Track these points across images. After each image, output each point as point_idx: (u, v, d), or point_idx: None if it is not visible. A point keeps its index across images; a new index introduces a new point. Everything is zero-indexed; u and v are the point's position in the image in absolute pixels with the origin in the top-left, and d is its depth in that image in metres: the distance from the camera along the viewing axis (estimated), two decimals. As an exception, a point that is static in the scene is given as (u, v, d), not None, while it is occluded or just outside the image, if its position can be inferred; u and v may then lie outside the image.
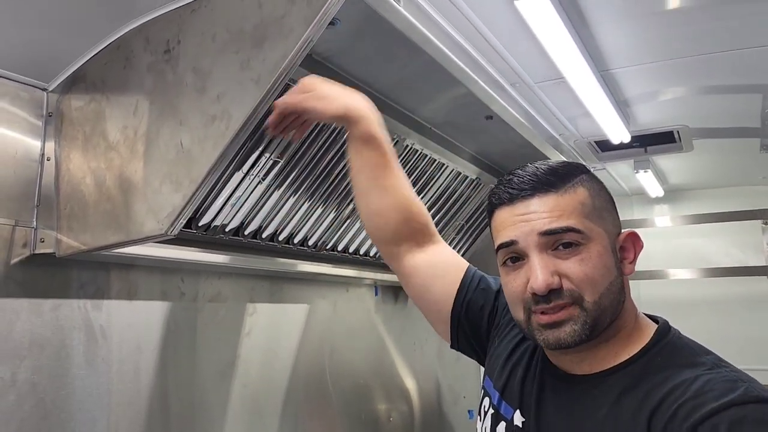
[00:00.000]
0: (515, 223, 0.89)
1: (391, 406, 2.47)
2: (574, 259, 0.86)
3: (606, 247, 0.88)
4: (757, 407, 0.72)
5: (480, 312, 1.13)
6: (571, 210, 0.87)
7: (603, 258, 0.87)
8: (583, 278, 0.85)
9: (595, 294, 0.86)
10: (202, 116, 1.06)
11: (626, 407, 0.82)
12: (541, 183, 0.90)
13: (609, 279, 0.87)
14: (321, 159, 1.60)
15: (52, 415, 1.20)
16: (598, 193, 0.92)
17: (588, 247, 0.87)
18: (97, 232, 1.13)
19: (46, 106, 1.22)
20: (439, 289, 1.15)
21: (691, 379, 0.79)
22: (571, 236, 0.86)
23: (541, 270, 0.85)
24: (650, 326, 0.92)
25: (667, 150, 2.71)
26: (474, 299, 1.13)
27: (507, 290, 0.93)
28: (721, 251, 3.54)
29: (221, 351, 1.65)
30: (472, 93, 1.61)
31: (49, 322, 1.21)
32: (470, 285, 1.14)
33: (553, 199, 0.88)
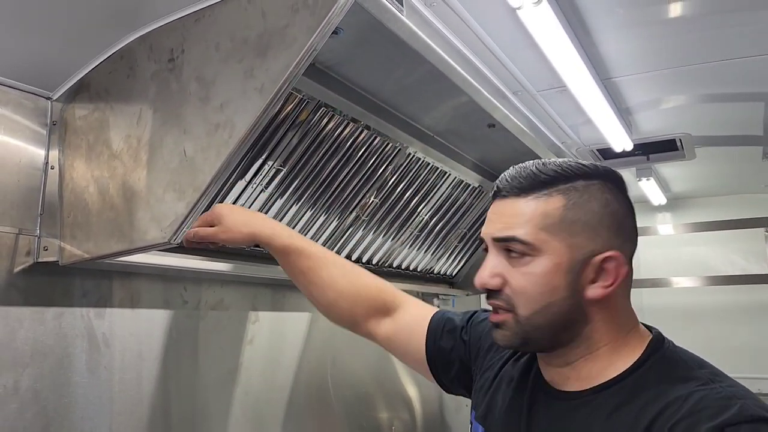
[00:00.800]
0: (488, 219, 0.90)
1: (394, 414, 2.46)
2: (519, 269, 0.85)
3: (559, 265, 0.83)
4: (750, 427, 0.70)
5: (451, 354, 1.13)
6: (526, 219, 0.84)
7: (549, 276, 0.83)
8: (519, 291, 0.84)
9: (527, 310, 0.84)
10: (206, 125, 1.06)
11: (619, 424, 0.79)
12: (516, 186, 0.87)
13: (550, 299, 0.83)
14: (323, 168, 1.60)
15: (54, 423, 1.20)
16: (581, 206, 0.84)
17: (535, 261, 0.84)
18: (100, 241, 1.13)
19: (50, 115, 1.23)
20: (414, 345, 1.16)
21: (684, 396, 0.76)
22: (516, 246, 0.85)
23: (485, 269, 0.87)
24: (643, 338, 0.88)
25: (670, 158, 2.71)
26: (442, 344, 1.14)
27: None
28: (723, 259, 3.53)
29: (223, 359, 1.65)
30: (475, 101, 1.61)
31: (52, 330, 1.21)
32: (436, 331, 1.15)
33: (516, 204, 0.86)
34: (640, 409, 0.78)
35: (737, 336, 3.36)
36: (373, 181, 1.79)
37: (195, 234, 1.15)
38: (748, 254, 3.48)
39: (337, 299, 1.19)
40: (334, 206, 1.74)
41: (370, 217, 1.91)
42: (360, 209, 1.84)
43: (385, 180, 1.84)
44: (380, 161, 1.76)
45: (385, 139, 1.71)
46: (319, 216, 1.72)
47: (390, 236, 2.06)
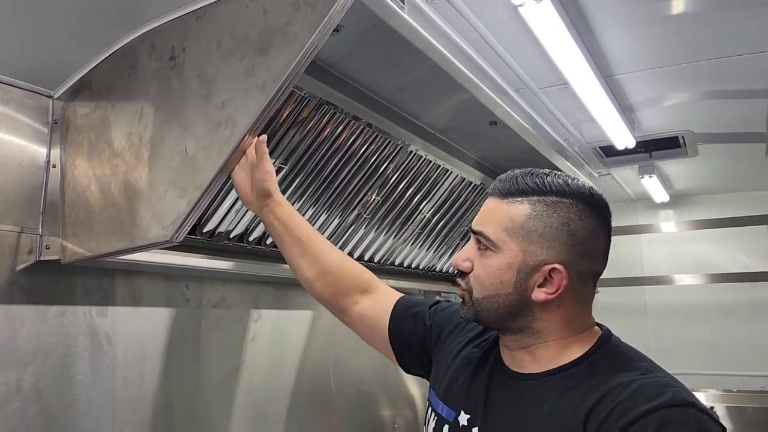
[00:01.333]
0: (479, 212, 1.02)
1: (396, 412, 2.46)
2: (481, 259, 0.98)
3: (511, 264, 0.95)
4: (682, 410, 0.81)
5: (412, 335, 1.22)
6: (494, 219, 0.97)
7: (501, 271, 0.95)
8: (477, 276, 0.98)
9: (479, 293, 0.98)
10: (207, 123, 1.06)
11: (566, 405, 0.89)
12: (499, 188, 0.99)
13: (497, 291, 0.96)
14: (325, 166, 1.60)
15: (57, 421, 1.20)
16: (542, 219, 0.94)
17: (494, 256, 0.96)
18: (102, 239, 1.13)
19: (52, 114, 1.23)
20: (382, 325, 1.24)
21: (626, 383, 0.86)
22: (482, 239, 0.98)
23: (462, 253, 1.01)
24: (594, 335, 0.99)
25: (672, 155, 2.70)
26: (404, 326, 1.23)
27: None
28: (726, 257, 3.52)
29: (225, 357, 1.65)
30: (476, 99, 1.61)
31: (54, 328, 1.21)
32: (400, 312, 1.24)
33: (494, 203, 0.99)
34: (586, 392, 0.89)
35: (740, 333, 3.35)
36: (375, 178, 1.79)
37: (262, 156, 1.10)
38: (750, 252, 3.47)
39: (324, 272, 1.23)
40: (335, 204, 1.73)
41: (372, 215, 1.90)
42: (362, 207, 1.84)
43: (386, 178, 1.84)
44: (382, 159, 1.76)
45: (387, 137, 1.71)
46: (320, 214, 1.72)
47: (392, 234, 2.06)
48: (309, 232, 1.23)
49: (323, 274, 1.23)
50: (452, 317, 1.20)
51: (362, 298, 1.26)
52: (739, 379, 3.31)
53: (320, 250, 1.23)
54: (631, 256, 3.70)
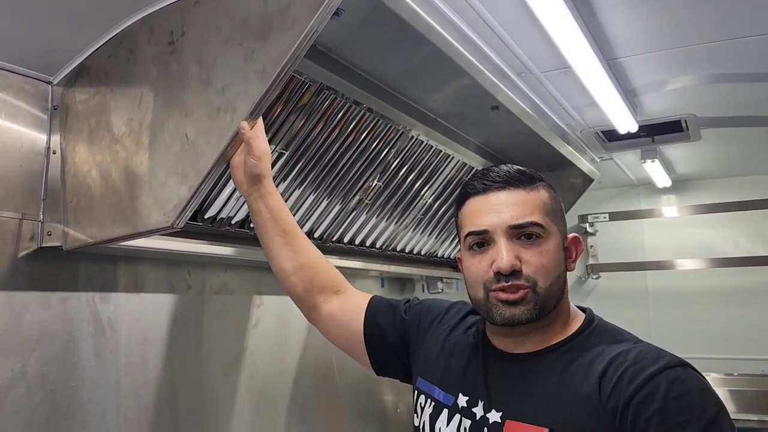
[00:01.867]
0: (488, 212, 1.02)
1: (399, 397, 2.48)
2: (534, 250, 0.99)
3: (559, 244, 1.03)
4: (683, 370, 0.90)
5: (389, 329, 1.25)
6: (535, 206, 1.01)
7: (557, 252, 1.02)
8: (540, 267, 0.99)
9: (547, 282, 0.99)
10: (207, 108, 1.06)
11: (574, 374, 0.95)
12: (512, 179, 1.03)
13: (558, 271, 1.01)
14: (326, 151, 1.60)
15: (62, 406, 1.21)
16: (554, 198, 1.06)
17: (546, 241, 1.00)
18: (103, 225, 1.13)
19: (51, 99, 1.22)
20: (354, 324, 1.27)
21: (626, 351, 0.94)
22: (534, 229, 1.00)
23: (507, 252, 0.98)
24: (579, 314, 1.07)
25: (675, 139, 2.68)
26: (381, 321, 1.25)
27: (470, 272, 1.04)
28: (728, 241, 3.51)
29: (228, 343, 1.66)
30: (478, 83, 1.60)
31: (57, 314, 1.22)
32: (376, 309, 1.27)
33: (522, 194, 1.02)
34: (590, 362, 0.96)
35: (742, 318, 3.35)
36: (376, 164, 1.78)
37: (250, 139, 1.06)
38: (753, 236, 3.46)
39: (302, 266, 1.24)
40: (337, 190, 1.73)
41: (374, 200, 1.90)
42: (363, 193, 1.84)
43: (387, 163, 1.83)
44: (383, 144, 1.76)
45: (388, 122, 1.71)
46: (322, 200, 1.71)
47: (393, 220, 2.06)
48: (293, 225, 1.23)
49: (301, 268, 1.24)
50: (429, 310, 1.24)
51: (334, 297, 1.28)
52: (740, 362, 3.32)
53: (301, 244, 1.24)
54: (633, 241, 3.69)
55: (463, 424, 1.03)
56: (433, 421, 1.08)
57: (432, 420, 1.08)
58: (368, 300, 1.30)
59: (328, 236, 1.85)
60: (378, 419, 2.34)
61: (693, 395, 0.87)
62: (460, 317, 1.19)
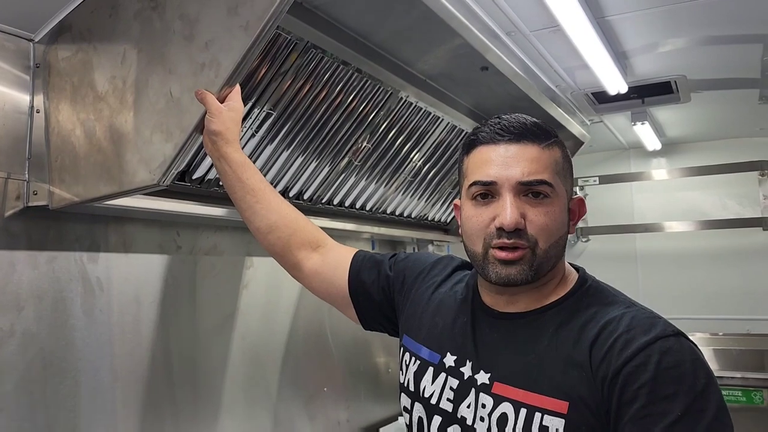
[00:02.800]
0: (498, 164, 0.97)
1: (390, 358, 2.51)
2: (540, 209, 0.96)
3: (565, 205, 0.99)
4: (676, 339, 0.88)
5: (373, 286, 1.23)
6: (547, 164, 0.97)
7: (562, 214, 0.98)
8: (543, 227, 0.95)
9: (547, 243, 0.96)
10: (191, 64, 1.05)
11: (565, 338, 0.94)
12: (528, 132, 0.97)
13: (560, 233, 0.98)
14: (314, 112, 1.59)
15: (53, 365, 1.22)
16: (566, 156, 1.02)
17: (553, 201, 0.97)
18: (89, 184, 1.13)
19: (33, 58, 1.21)
20: (339, 279, 1.25)
21: (618, 316, 0.92)
22: (543, 188, 0.96)
23: (513, 209, 0.94)
24: (573, 274, 1.04)
25: (665, 101, 2.68)
26: (365, 277, 1.24)
27: (471, 223, 1.00)
28: (717, 204, 3.54)
29: (220, 303, 1.67)
30: (468, 43, 1.58)
31: (46, 274, 1.22)
32: (360, 265, 1.25)
33: (535, 150, 0.97)
34: (582, 327, 0.94)
35: (730, 279, 3.40)
36: (365, 126, 1.78)
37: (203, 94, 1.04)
38: (741, 198, 3.48)
39: (278, 223, 1.23)
40: (326, 151, 1.73)
41: (363, 162, 1.90)
42: (352, 154, 1.83)
43: (377, 125, 1.82)
44: (372, 106, 1.75)
45: (377, 83, 1.69)
46: (311, 161, 1.71)
47: (383, 182, 2.06)
48: (261, 184, 1.21)
49: (276, 227, 1.22)
50: (414, 266, 1.22)
51: (315, 253, 1.26)
52: (726, 322, 3.38)
53: (273, 202, 1.22)
54: (623, 204, 3.72)
55: (449, 383, 1.01)
56: (418, 378, 1.06)
57: (417, 378, 1.07)
58: (352, 255, 1.28)
59: (317, 198, 1.85)
60: (369, 379, 2.38)
61: (684, 367, 0.85)
62: (446, 273, 1.17)
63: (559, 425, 0.88)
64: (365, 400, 2.34)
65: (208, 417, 1.61)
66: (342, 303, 1.27)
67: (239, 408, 1.72)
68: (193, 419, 1.56)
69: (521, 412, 0.91)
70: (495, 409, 0.94)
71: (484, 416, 0.94)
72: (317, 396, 2.06)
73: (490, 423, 0.93)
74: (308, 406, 2.01)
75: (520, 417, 0.91)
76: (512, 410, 0.92)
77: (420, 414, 1.04)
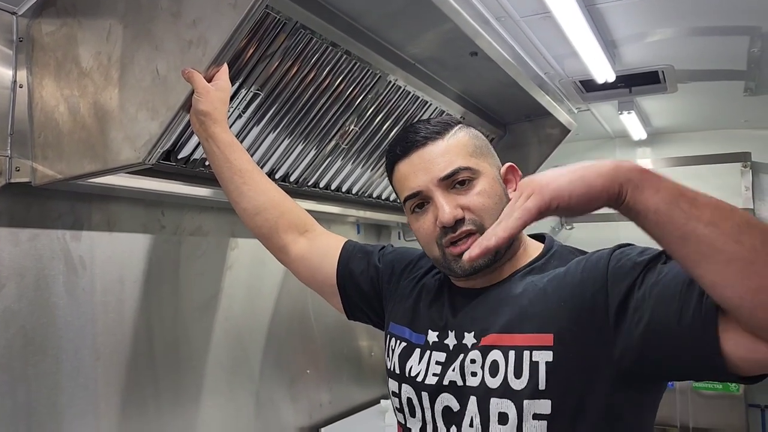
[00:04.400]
0: (415, 173, 1.01)
1: (373, 342, 2.53)
2: (471, 193, 0.99)
3: (494, 179, 1.03)
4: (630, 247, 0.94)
5: (362, 276, 1.24)
6: (457, 152, 1.01)
7: (494, 188, 1.01)
8: (482, 207, 0.99)
9: (492, 219, 0.96)
10: (178, 42, 1.03)
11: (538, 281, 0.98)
12: (429, 133, 1.02)
13: (501, 205, 0.99)
14: (302, 94, 1.58)
15: (34, 342, 1.21)
16: (475, 136, 1.06)
17: (480, 181, 1.00)
18: (72, 161, 1.11)
19: (16, 31, 1.18)
20: (326, 267, 1.26)
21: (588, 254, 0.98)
22: (464, 174, 0.99)
23: (446, 204, 0.98)
24: (536, 243, 1.08)
25: (652, 90, 2.69)
26: (354, 267, 1.25)
27: (420, 234, 1.04)
28: (700, 195, 3.58)
29: (204, 284, 1.67)
30: (458, 27, 1.57)
31: (28, 251, 1.21)
32: (349, 255, 1.26)
33: (442, 144, 1.01)
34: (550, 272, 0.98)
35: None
36: (353, 108, 1.77)
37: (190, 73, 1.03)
38: (724, 189, 3.51)
39: (266, 205, 1.22)
40: (312, 134, 1.72)
41: (350, 145, 1.89)
42: (339, 137, 1.82)
43: (364, 108, 1.82)
44: (360, 89, 1.74)
45: (366, 66, 1.68)
46: (297, 144, 1.70)
47: (370, 166, 2.05)
48: (249, 165, 1.21)
49: (264, 209, 1.23)
50: (401, 259, 1.24)
51: (302, 238, 1.26)
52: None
53: (260, 183, 1.22)
54: (607, 193, 3.75)
55: (434, 357, 1.03)
56: (404, 360, 1.08)
57: (402, 360, 1.08)
58: (341, 244, 1.28)
59: (303, 180, 1.85)
60: (351, 363, 2.39)
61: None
62: (430, 265, 1.18)
63: (547, 357, 0.90)
64: (347, 382, 2.35)
65: (190, 397, 1.61)
66: (328, 291, 1.28)
67: (221, 389, 1.72)
68: (174, 399, 1.56)
69: (510, 354, 0.93)
70: (485, 360, 0.95)
71: (476, 370, 0.96)
72: (300, 378, 2.07)
73: (483, 374, 0.94)
74: (291, 388, 2.02)
75: (510, 359, 0.92)
76: (501, 356, 0.94)
77: (408, 394, 1.05)
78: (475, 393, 0.95)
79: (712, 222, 0.71)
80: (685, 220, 0.72)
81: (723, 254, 0.70)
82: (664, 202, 0.74)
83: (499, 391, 0.92)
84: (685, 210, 0.73)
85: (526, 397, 0.90)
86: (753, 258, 0.69)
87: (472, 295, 1.04)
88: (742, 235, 0.70)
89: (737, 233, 0.70)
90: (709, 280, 0.73)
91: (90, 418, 1.34)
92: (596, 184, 0.75)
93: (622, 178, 0.75)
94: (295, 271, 1.30)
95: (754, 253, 0.69)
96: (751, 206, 3.44)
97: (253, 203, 1.21)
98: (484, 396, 0.94)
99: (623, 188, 0.75)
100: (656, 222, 0.75)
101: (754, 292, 0.69)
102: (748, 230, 0.70)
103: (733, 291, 0.71)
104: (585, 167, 0.77)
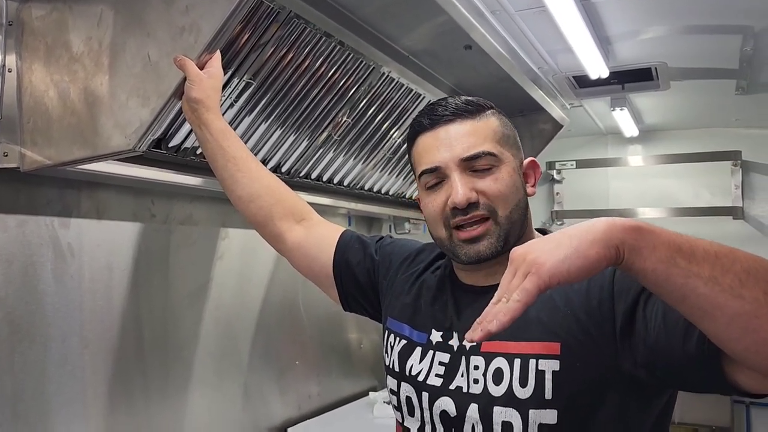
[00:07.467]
0: (438, 147, 0.99)
1: (362, 334, 2.53)
2: (489, 179, 0.97)
3: (515, 170, 1.01)
4: None
5: (358, 267, 1.22)
6: (485, 135, 0.99)
7: (513, 178, 0.99)
8: (497, 194, 0.97)
9: (507, 209, 0.97)
10: (170, 28, 1.02)
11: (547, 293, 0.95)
12: (460, 110, 1.00)
13: (518, 197, 0.99)
14: (295, 84, 1.57)
15: (21, 329, 1.20)
16: (506, 124, 1.04)
17: (500, 169, 0.98)
18: (62, 147, 1.10)
19: (6, 15, 1.17)
20: (323, 257, 1.23)
21: None
22: (487, 159, 0.97)
23: (462, 186, 0.96)
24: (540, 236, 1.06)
25: (645, 87, 2.70)
26: (351, 258, 1.22)
27: (428, 210, 1.02)
28: (690, 192, 3.60)
29: (194, 273, 1.66)
30: (453, 19, 1.57)
31: (15, 237, 1.20)
32: (346, 245, 1.23)
33: (471, 124, 0.99)
34: None
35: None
36: (346, 100, 1.76)
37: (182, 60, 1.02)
38: (714, 187, 3.55)
39: (260, 192, 1.21)
40: (305, 125, 1.71)
41: (342, 137, 1.89)
42: (332, 129, 1.82)
43: (357, 100, 1.81)
44: (354, 80, 1.73)
45: (359, 57, 1.67)
46: (289, 135, 1.69)
47: (362, 158, 2.05)
48: (243, 152, 1.19)
49: (258, 196, 1.20)
50: (400, 250, 1.21)
51: (298, 226, 1.24)
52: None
53: (254, 170, 1.20)
54: (598, 189, 3.76)
55: (437, 357, 1.01)
56: (404, 358, 1.05)
57: (402, 358, 1.06)
58: (339, 233, 1.26)
59: (295, 172, 1.84)
60: (341, 355, 2.40)
61: None
62: (429, 260, 1.16)
63: (554, 366, 0.88)
64: (336, 375, 2.36)
65: (178, 387, 1.61)
66: (325, 282, 1.25)
67: (210, 379, 1.72)
68: (163, 388, 1.56)
69: (515, 363, 0.91)
70: (488, 367, 0.94)
71: (478, 377, 0.94)
72: (289, 369, 2.07)
73: (486, 382, 0.93)
74: (280, 379, 2.02)
75: (515, 368, 0.91)
76: (506, 363, 0.92)
77: (408, 393, 1.03)
78: (477, 400, 0.93)
79: (712, 278, 0.68)
80: (684, 278, 0.69)
81: (725, 311, 0.67)
82: (661, 262, 0.69)
83: (503, 400, 0.91)
84: (683, 267, 0.69)
85: (532, 406, 0.88)
86: (756, 311, 0.66)
87: (481, 297, 0.99)
88: (744, 289, 0.67)
89: (739, 287, 0.67)
90: (713, 335, 0.71)
91: (78, 406, 1.33)
92: (591, 254, 0.71)
93: (616, 240, 0.71)
94: (292, 261, 1.28)
95: (758, 305, 0.66)
96: (740, 204, 3.47)
97: (247, 190, 1.20)
98: (486, 404, 0.92)
99: (620, 250, 0.71)
100: (655, 281, 0.71)
101: (760, 344, 0.67)
102: (750, 281, 0.67)
103: (738, 344, 0.69)
104: (575, 236, 0.72)
